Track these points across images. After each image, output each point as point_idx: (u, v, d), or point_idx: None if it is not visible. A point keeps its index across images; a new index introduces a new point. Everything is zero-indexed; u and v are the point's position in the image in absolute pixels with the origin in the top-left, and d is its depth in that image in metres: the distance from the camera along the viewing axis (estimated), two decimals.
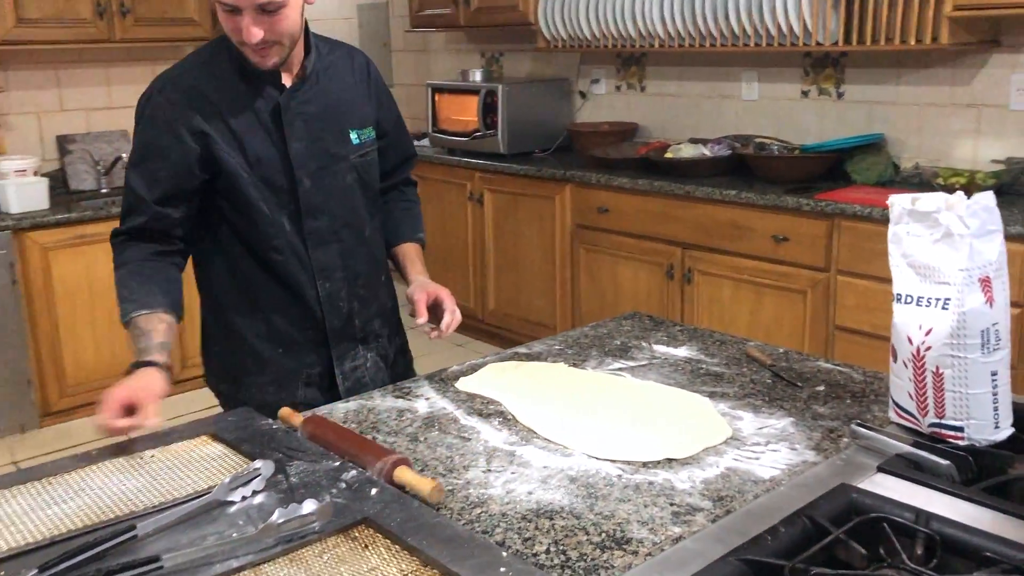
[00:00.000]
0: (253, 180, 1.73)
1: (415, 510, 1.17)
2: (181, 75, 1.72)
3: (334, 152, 1.80)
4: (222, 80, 1.71)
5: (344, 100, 1.82)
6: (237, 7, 1.58)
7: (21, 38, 3.68)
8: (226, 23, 1.62)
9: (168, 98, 1.69)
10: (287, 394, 1.83)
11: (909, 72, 3.48)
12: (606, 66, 4.65)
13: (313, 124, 1.77)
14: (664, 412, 1.54)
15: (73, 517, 1.19)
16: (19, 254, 3.50)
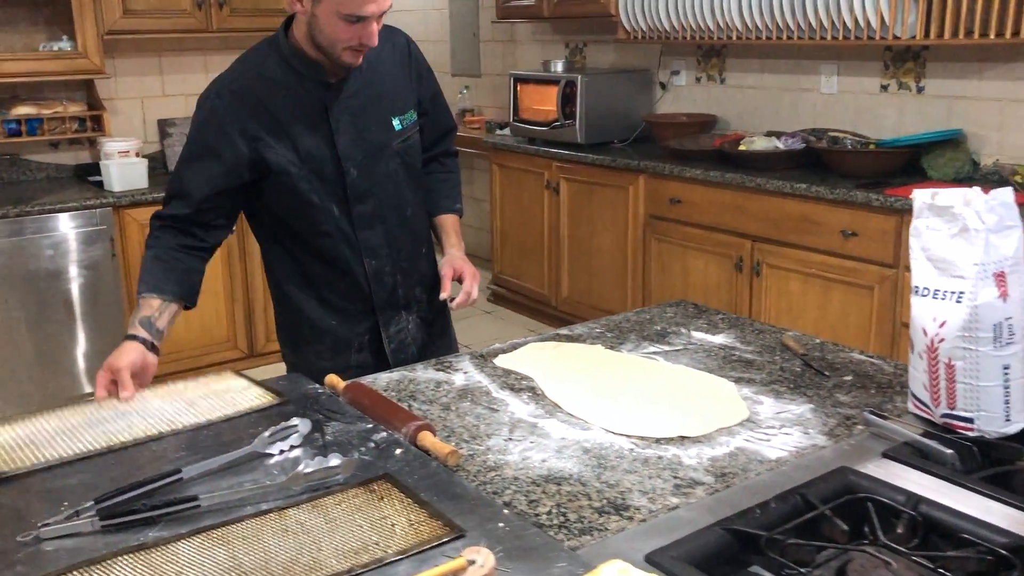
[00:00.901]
0: (303, 174, 1.84)
1: (432, 470, 1.28)
2: (235, 80, 1.81)
3: (378, 142, 1.89)
4: (273, 82, 1.79)
5: (387, 89, 1.90)
6: (368, 16, 1.67)
7: (127, 28, 3.93)
8: (343, 31, 1.68)
9: (223, 103, 1.78)
10: (342, 359, 1.97)
11: (991, 67, 3.39)
12: (687, 58, 4.66)
13: (358, 117, 1.85)
14: (686, 393, 1.60)
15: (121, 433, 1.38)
16: (119, 229, 3.75)
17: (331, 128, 1.83)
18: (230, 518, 1.15)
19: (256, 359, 4.20)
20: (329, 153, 1.84)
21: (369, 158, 1.89)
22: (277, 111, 1.79)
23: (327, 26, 1.69)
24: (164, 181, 4.10)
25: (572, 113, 4.58)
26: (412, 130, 1.96)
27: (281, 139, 1.80)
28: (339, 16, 1.66)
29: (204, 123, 1.81)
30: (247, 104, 1.78)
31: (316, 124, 1.82)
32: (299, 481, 1.22)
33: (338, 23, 1.67)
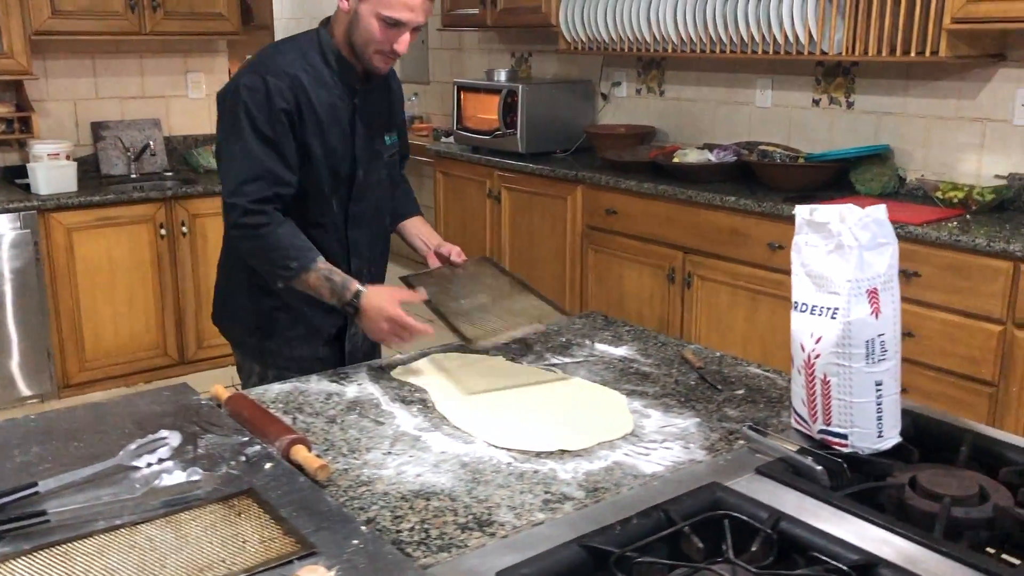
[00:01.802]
0: (324, 165, 1.93)
1: (298, 485, 1.25)
2: (286, 65, 1.87)
3: (379, 150, 2.05)
4: (316, 74, 1.89)
5: (387, 105, 2.07)
6: (404, 23, 1.80)
7: (55, 29, 3.86)
8: (380, 33, 1.81)
9: (275, 85, 1.84)
10: (311, 349, 2.03)
11: (917, 84, 3.45)
12: (627, 69, 4.68)
13: (372, 124, 2.00)
14: (575, 406, 1.60)
15: None
16: (44, 233, 3.68)
17: (354, 129, 1.95)
18: (78, 534, 1.11)
19: (186, 366, 4.13)
20: (347, 151, 1.96)
21: (372, 163, 2.02)
22: (315, 101, 1.89)
23: (366, 25, 1.82)
24: (96, 185, 4.04)
25: (513, 123, 4.58)
26: (395, 149, 2.12)
27: (315, 128, 1.90)
28: (378, 17, 1.80)
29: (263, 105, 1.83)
30: (295, 87, 1.86)
31: (342, 122, 1.94)
32: (157, 496, 1.19)
33: (376, 24, 1.81)
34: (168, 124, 4.56)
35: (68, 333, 3.82)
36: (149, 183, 4.21)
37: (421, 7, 1.82)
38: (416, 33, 1.86)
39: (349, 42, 1.88)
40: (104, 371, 3.90)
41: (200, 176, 4.35)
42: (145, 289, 3.98)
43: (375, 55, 1.86)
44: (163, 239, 3.98)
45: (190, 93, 4.61)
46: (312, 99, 1.88)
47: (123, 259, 3.90)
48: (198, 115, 4.66)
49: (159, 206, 3.96)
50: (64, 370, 3.83)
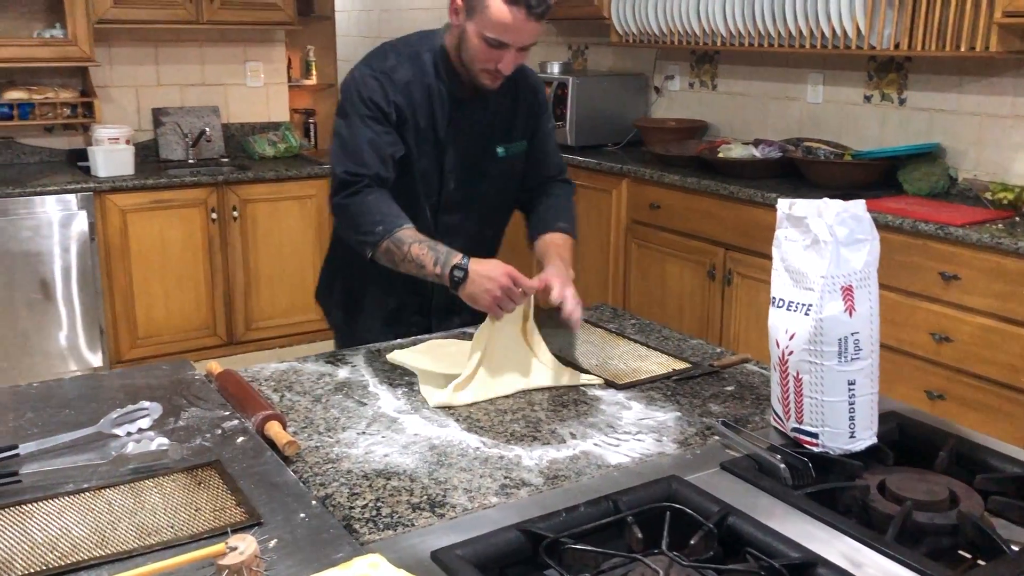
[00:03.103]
0: (416, 170, 1.95)
1: (264, 459, 1.29)
2: (394, 67, 1.90)
3: (480, 164, 2.00)
4: (422, 79, 1.91)
5: (499, 117, 1.99)
6: (507, 44, 1.77)
7: (118, 17, 4.01)
8: (483, 52, 1.79)
9: (382, 83, 1.88)
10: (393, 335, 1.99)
11: (971, 81, 3.32)
12: (681, 63, 4.63)
13: (470, 138, 1.97)
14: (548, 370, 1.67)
15: None
16: (100, 214, 3.83)
17: (447, 141, 1.94)
18: (45, 495, 1.17)
19: (235, 347, 4.26)
20: (438, 161, 1.96)
21: (468, 177, 2.00)
22: (417, 104, 1.91)
23: (471, 43, 1.80)
24: (154, 169, 4.19)
25: (563, 115, 4.57)
26: (516, 160, 2.04)
27: (414, 129, 1.91)
28: (481, 37, 1.78)
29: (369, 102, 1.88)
30: (400, 88, 1.88)
31: (438, 131, 1.94)
32: (127, 462, 1.24)
33: (481, 44, 1.79)
34: (227, 111, 4.69)
35: (121, 311, 3.97)
36: (205, 168, 4.34)
37: (526, 28, 1.76)
38: (524, 53, 1.83)
39: (459, 54, 1.86)
40: (155, 349, 4.04)
41: (255, 163, 4.46)
42: (196, 271, 4.11)
43: (481, 73, 1.84)
44: (214, 223, 4.10)
45: (248, 82, 4.73)
46: (416, 105, 1.90)
47: (175, 241, 4.03)
48: (255, 103, 4.77)
49: (211, 191, 4.08)
50: (116, 347, 3.99)
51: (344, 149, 1.89)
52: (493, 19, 1.74)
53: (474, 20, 1.77)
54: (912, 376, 2.96)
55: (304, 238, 4.35)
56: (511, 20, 1.74)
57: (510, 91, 1.98)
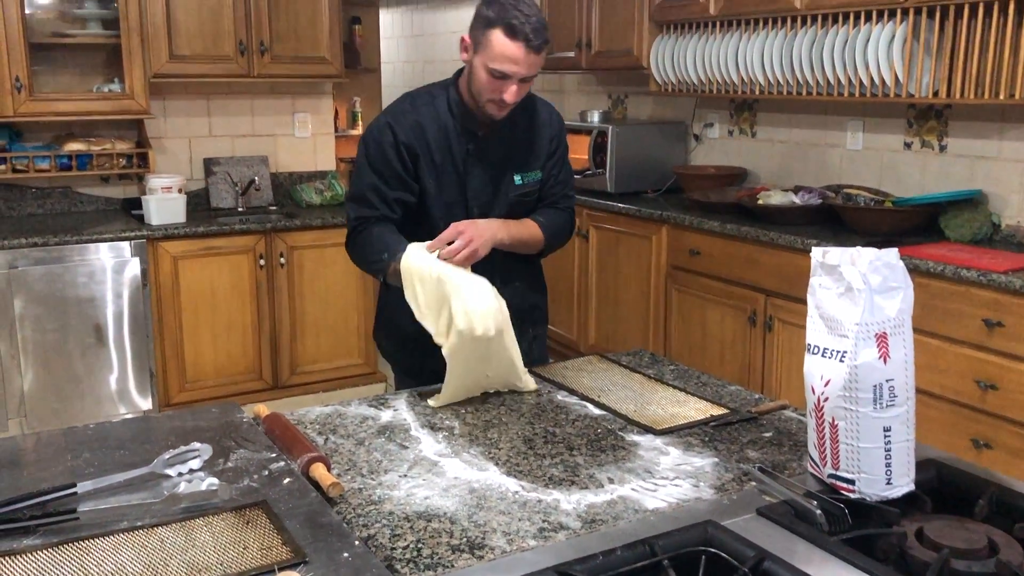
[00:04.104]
0: (440, 201, 2.11)
1: (309, 500, 1.33)
2: (406, 112, 2.09)
3: (499, 191, 2.15)
4: (439, 119, 2.08)
5: (518, 147, 2.15)
6: (509, 75, 1.93)
7: (173, 72, 4.17)
8: (487, 83, 1.96)
9: (395, 129, 2.06)
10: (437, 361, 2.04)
11: (1012, 127, 3.32)
12: (720, 111, 4.67)
13: (490, 168, 2.13)
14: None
15: None
16: (152, 260, 3.95)
17: (468, 172, 2.11)
18: (101, 531, 1.22)
19: (280, 391, 4.33)
20: (460, 191, 2.12)
21: (489, 203, 2.14)
22: (432, 145, 2.08)
23: (478, 76, 1.97)
24: (205, 217, 4.32)
25: (603, 162, 4.63)
26: (532, 187, 2.19)
27: (430, 167, 2.09)
28: (486, 69, 1.94)
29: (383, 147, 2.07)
30: (415, 131, 2.07)
31: (458, 164, 2.11)
32: (178, 502, 1.29)
33: (485, 75, 1.95)
34: (275, 161, 4.82)
35: (171, 355, 4.07)
36: (253, 216, 4.46)
37: (524, 60, 1.92)
38: (527, 84, 1.99)
39: (470, 91, 2.03)
40: (202, 392, 4.12)
41: (302, 211, 4.57)
42: (244, 316, 4.20)
43: (488, 103, 2.00)
44: (262, 269, 4.20)
45: (296, 132, 4.86)
46: (430, 143, 2.07)
47: (224, 287, 4.14)
48: (303, 153, 4.91)
49: (259, 238, 4.18)
50: (165, 390, 4.08)
51: (353, 197, 2.12)
52: (496, 52, 1.92)
53: (480, 54, 1.95)
54: (958, 424, 2.93)
55: (348, 284, 4.43)
56: (512, 53, 1.91)
57: (528, 124, 2.16)
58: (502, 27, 1.90)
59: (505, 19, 1.90)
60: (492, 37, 1.91)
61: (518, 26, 1.89)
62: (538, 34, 1.91)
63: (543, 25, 1.94)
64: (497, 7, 1.92)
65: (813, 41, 3.60)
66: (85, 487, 1.34)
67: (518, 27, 1.89)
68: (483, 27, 1.94)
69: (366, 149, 2.10)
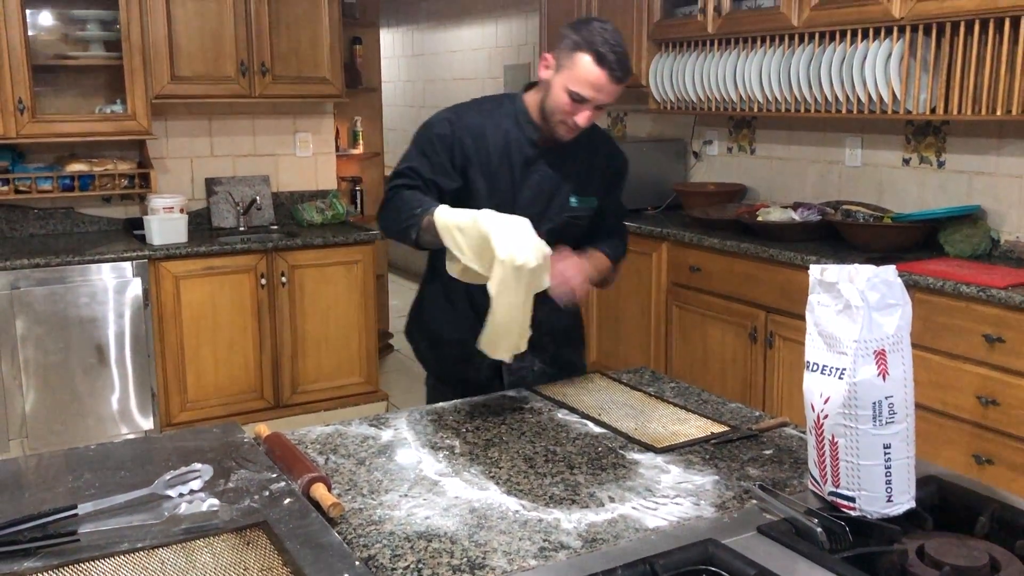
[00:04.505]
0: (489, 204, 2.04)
1: (309, 520, 1.33)
2: (470, 112, 2.13)
3: (551, 207, 2.16)
4: (498, 126, 2.12)
5: (575, 171, 2.17)
6: (588, 99, 1.97)
7: (174, 93, 4.20)
8: (564, 104, 2.00)
9: (453, 125, 2.10)
10: (471, 369, 2.19)
11: (1010, 143, 3.33)
12: (719, 128, 4.69)
13: (544, 181, 2.14)
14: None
15: None
16: (154, 280, 3.95)
17: (522, 180, 2.13)
18: (102, 553, 1.22)
19: (281, 410, 4.32)
20: (511, 199, 2.12)
21: (537, 217, 2.06)
22: (491, 147, 2.11)
23: (556, 95, 2.01)
24: (207, 237, 4.33)
25: None
26: (585, 212, 2.20)
27: (485, 170, 2.11)
28: (566, 90, 1.98)
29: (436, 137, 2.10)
30: (471, 131, 2.10)
31: (513, 171, 2.13)
32: (179, 523, 1.29)
33: (564, 96, 1.99)
34: (276, 180, 4.84)
35: (172, 375, 4.07)
36: (255, 235, 4.47)
37: (606, 88, 1.97)
38: (600, 111, 2.02)
39: (541, 107, 2.06)
40: (204, 412, 4.12)
41: (304, 230, 4.58)
42: (245, 335, 4.21)
43: (559, 124, 2.04)
44: (263, 288, 4.21)
45: (297, 152, 4.88)
46: (489, 147, 2.10)
47: (225, 306, 4.14)
48: (304, 172, 4.92)
49: (261, 257, 4.19)
50: (167, 410, 4.08)
51: (394, 173, 2.10)
52: (580, 75, 1.96)
53: (562, 74, 1.99)
54: (960, 440, 2.92)
55: (350, 302, 4.44)
56: (596, 79, 1.95)
57: (591, 151, 2.20)
58: (590, 52, 1.94)
59: (594, 45, 1.94)
60: (578, 60, 1.95)
61: (605, 54, 1.94)
62: (622, 65, 1.96)
63: (627, 57, 1.99)
64: (587, 32, 1.96)
65: (811, 59, 3.63)
66: (86, 508, 1.34)
67: (605, 55, 1.94)
68: (570, 49, 1.97)
69: (420, 135, 2.13)
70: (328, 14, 4.50)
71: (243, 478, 1.48)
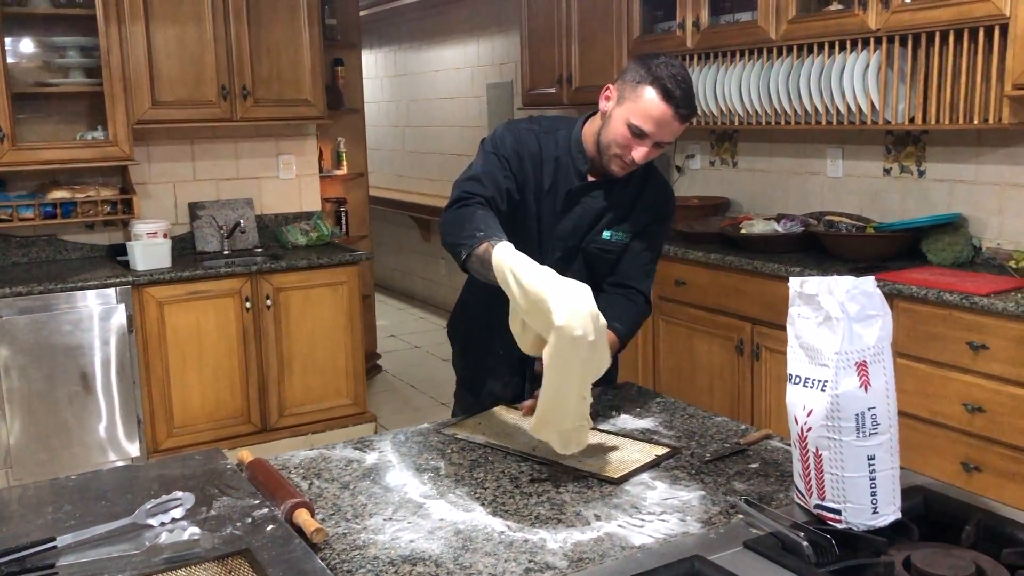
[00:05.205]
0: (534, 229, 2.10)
1: (292, 547, 1.31)
2: (531, 134, 2.08)
3: (586, 239, 2.11)
4: (554, 151, 2.08)
5: (618, 205, 2.10)
6: (648, 135, 1.91)
7: (156, 118, 4.19)
8: (622, 137, 1.94)
9: (518, 141, 2.06)
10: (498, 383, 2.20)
11: (988, 151, 3.36)
12: (701, 142, 4.72)
13: (586, 213, 2.09)
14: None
15: None
16: (138, 306, 3.93)
17: (564, 209, 2.09)
18: None
19: (269, 433, 4.30)
20: (552, 227, 2.11)
21: (573, 247, 2.11)
22: (543, 170, 2.08)
23: (615, 127, 1.95)
24: (191, 261, 4.31)
25: None
26: (615, 247, 2.13)
27: (534, 191, 2.08)
28: (627, 123, 1.92)
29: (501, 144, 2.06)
30: (528, 148, 2.06)
31: (557, 199, 2.09)
32: (160, 552, 1.28)
33: (624, 129, 1.93)
34: (260, 203, 4.83)
35: (158, 401, 4.04)
36: (239, 259, 4.45)
37: (670, 124, 1.91)
38: (658, 150, 1.96)
39: (597, 138, 2.01)
40: (190, 437, 4.09)
41: (288, 252, 4.57)
42: (230, 359, 4.18)
43: (614, 158, 1.98)
44: (248, 311, 4.19)
45: (281, 174, 4.88)
46: (543, 166, 2.07)
47: (210, 331, 4.12)
48: (288, 194, 4.92)
49: (245, 280, 4.18)
50: (153, 436, 4.05)
51: (468, 176, 2.02)
52: (643, 109, 1.89)
53: (624, 106, 1.93)
54: (947, 448, 2.93)
55: (336, 323, 4.42)
56: (659, 113, 1.88)
57: (637, 187, 2.11)
58: (656, 87, 1.87)
59: (661, 80, 1.87)
60: (643, 93, 1.88)
61: (672, 90, 1.87)
62: (687, 103, 1.90)
63: (694, 95, 1.93)
64: (655, 67, 1.89)
65: (789, 71, 3.65)
66: (65, 540, 1.32)
67: (672, 90, 1.87)
68: (635, 81, 1.91)
69: (495, 139, 2.08)
70: (309, 36, 4.51)
71: (225, 505, 1.47)
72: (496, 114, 6.63)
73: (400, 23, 7.99)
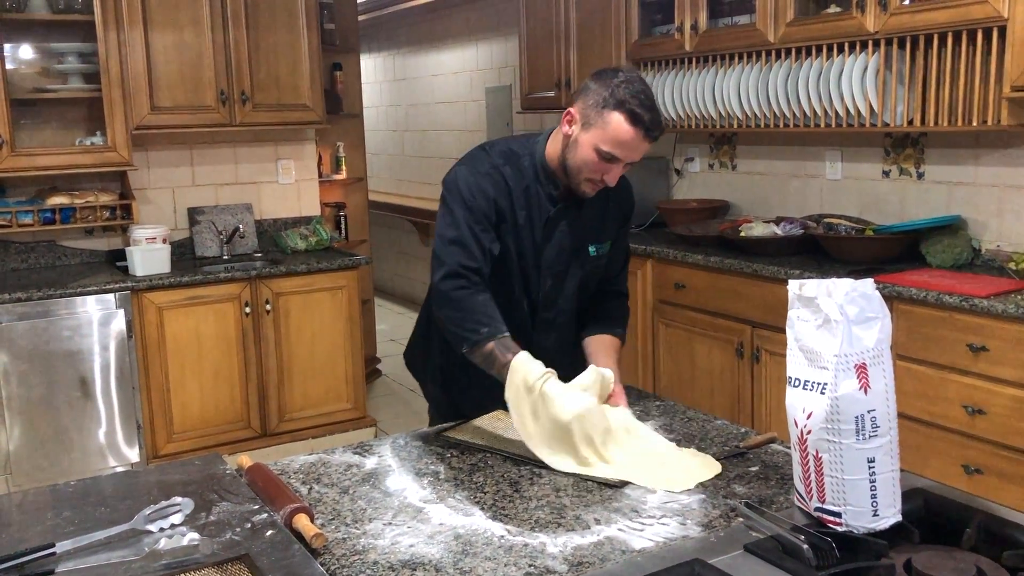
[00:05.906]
0: (516, 267, 2.04)
1: (292, 552, 1.31)
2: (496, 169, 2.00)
3: (573, 261, 2.09)
4: (521, 181, 2.00)
5: (593, 219, 2.08)
6: (618, 159, 1.87)
7: (154, 123, 4.19)
8: (593, 163, 1.89)
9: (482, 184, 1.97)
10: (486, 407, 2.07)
11: (987, 153, 3.36)
12: (700, 145, 4.72)
13: (566, 238, 2.05)
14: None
15: None
16: (137, 312, 3.93)
17: (545, 239, 2.03)
18: None
19: (269, 438, 4.29)
20: (535, 258, 2.05)
21: (563, 272, 2.07)
22: (516, 204, 2.00)
23: (583, 153, 1.90)
24: (190, 267, 4.30)
25: None
26: (604, 257, 2.14)
27: (512, 227, 2.01)
28: (595, 149, 1.87)
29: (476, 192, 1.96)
30: (499, 185, 1.98)
31: (536, 230, 2.02)
32: (159, 558, 1.27)
33: (592, 155, 1.88)
34: (259, 208, 4.83)
35: (157, 406, 4.04)
36: (239, 264, 4.45)
37: (637, 148, 1.87)
38: (628, 167, 1.93)
39: (563, 161, 1.95)
40: (190, 443, 4.09)
41: (287, 257, 4.57)
42: (230, 364, 4.18)
43: (585, 181, 1.93)
44: (247, 316, 4.19)
45: (280, 179, 4.88)
46: (515, 204, 1.99)
47: (210, 336, 4.12)
48: (287, 199, 4.92)
49: (244, 285, 4.18)
50: (153, 442, 4.04)
51: (455, 242, 1.94)
52: (611, 136, 1.84)
53: (591, 133, 1.87)
54: (948, 451, 2.92)
55: (335, 328, 4.42)
56: (629, 139, 1.84)
57: (603, 194, 2.04)
58: (623, 111, 1.83)
59: (628, 105, 1.82)
60: (610, 119, 1.83)
61: (640, 114, 1.83)
62: (656, 124, 1.86)
63: (659, 112, 1.89)
64: (617, 88, 1.83)
65: (788, 74, 3.65)
66: (64, 547, 1.32)
67: (640, 115, 1.83)
68: (599, 106, 1.85)
69: (460, 196, 1.97)
70: (308, 41, 4.51)
71: (225, 511, 1.46)
72: (495, 118, 6.64)
73: (398, 27, 8.00)
